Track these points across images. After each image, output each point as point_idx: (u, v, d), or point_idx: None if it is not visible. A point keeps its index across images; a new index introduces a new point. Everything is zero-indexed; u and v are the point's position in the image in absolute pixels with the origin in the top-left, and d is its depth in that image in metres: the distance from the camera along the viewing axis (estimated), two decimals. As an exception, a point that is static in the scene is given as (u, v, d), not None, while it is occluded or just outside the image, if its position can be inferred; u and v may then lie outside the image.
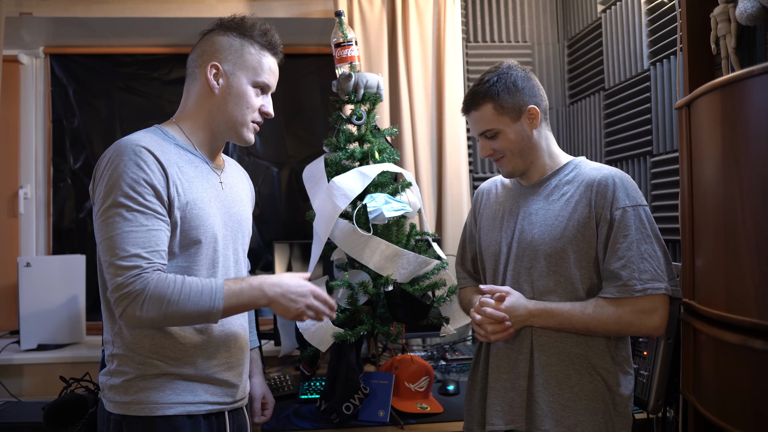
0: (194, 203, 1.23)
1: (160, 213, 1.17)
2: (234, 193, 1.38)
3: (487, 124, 1.39)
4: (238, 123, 1.32)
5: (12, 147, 2.78)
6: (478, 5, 2.63)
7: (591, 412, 1.29)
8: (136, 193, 1.15)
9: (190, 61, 1.34)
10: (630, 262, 1.26)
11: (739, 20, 1.34)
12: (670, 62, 1.83)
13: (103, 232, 1.15)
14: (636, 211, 1.29)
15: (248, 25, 1.33)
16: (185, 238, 1.22)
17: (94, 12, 2.49)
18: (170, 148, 1.25)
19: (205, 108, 1.31)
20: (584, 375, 1.30)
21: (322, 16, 2.55)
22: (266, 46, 1.34)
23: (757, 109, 1.01)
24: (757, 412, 1.01)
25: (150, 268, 1.13)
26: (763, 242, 0.99)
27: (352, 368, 1.66)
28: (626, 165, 2.11)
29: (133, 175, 1.15)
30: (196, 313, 1.16)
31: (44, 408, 1.42)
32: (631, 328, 1.27)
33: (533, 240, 1.36)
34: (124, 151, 1.17)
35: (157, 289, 1.12)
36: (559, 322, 1.30)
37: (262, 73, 1.33)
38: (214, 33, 1.33)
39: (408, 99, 2.48)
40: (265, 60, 1.34)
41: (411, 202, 1.83)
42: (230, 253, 1.34)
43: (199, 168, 1.29)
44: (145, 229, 1.15)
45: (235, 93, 1.30)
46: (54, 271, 2.45)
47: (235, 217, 1.36)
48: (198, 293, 1.15)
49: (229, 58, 1.30)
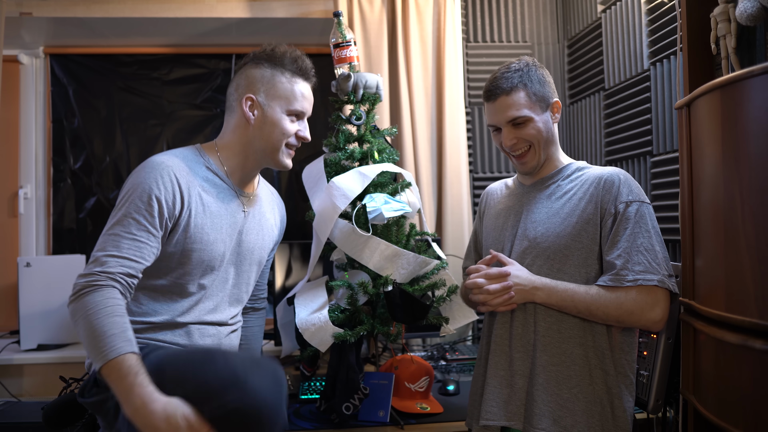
0: (202, 227, 1.33)
1: (154, 228, 1.26)
2: (255, 222, 1.47)
3: (519, 110, 1.37)
4: (274, 149, 1.42)
5: (12, 147, 2.78)
6: (478, 5, 2.63)
7: (589, 414, 1.28)
8: (141, 205, 1.25)
9: (229, 95, 1.44)
10: (625, 253, 1.27)
11: (739, 20, 1.34)
12: (670, 62, 1.83)
13: (104, 230, 1.27)
14: (638, 206, 1.30)
15: (278, 54, 1.41)
16: (183, 257, 1.32)
17: (94, 12, 2.49)
18: (199, 170, 1.37)
19: (242, 138, 1.41)
20: (584, 377, 1.30)
21: (322, 16, 2.55)
22: (297, 72, 1.42)
23: (757, 109, 1.01)
24: (757, 412, 1.01)
25: (108, 276, 1.19)
26: (763, 242, 0.98)
27: (352, 368, 1.66)
28: (626, 165, 2.11)
29: (147, 188, 1.26)
30: (88, 345, 1.16)
31: (44, 408, 1.42)
32: (632, 317, 1.27)
33: (536, 238, 1.36)
34: (150, 166, 1.30)
35: (92, 299, 1.17)
36: (561, 299, 1.30)
37: (294, 101, 1.42)
38: (248, 66, 1.42)
39: (408, 99, 2.48)
40: (297, 87, 1.42)
41: (411, 202, 1.83)
42: (230, 276, 1.43)
43: (222, 194, 1.39)
44: (131, 237, 1.24)
45: (270, 122, 1.40)
46: (54, 271, 2.45)
47: (246, 245, 1.45)
48: (100, 334, 1.13)
49: (262, 89, 1.39)
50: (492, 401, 1.34)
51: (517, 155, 1.42)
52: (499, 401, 1.33)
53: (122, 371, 1.10)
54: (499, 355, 1.37)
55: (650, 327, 1.29)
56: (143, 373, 1.11)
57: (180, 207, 1.30)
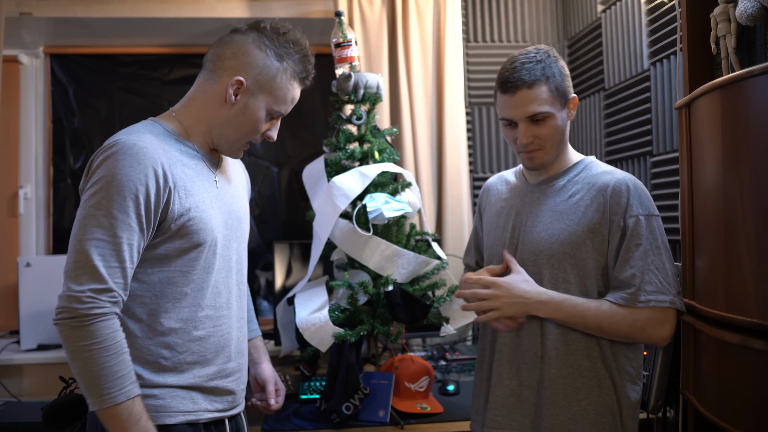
0: (196, 207, 1.19)
1: (142, 226, 1.12)
2: (232, 189, 1.33)
3: (541, 105, 1.25)
4: (237, 140, 1.27)
5: (12, 147, 2.77)
6: (478, 5, 2.63)
7: (599, 426, 1.26)
8: (125, 203, 1.09)
9: (213, 57, 1.25)
10: (639, 272, 1.23)
11: (739, 20, 1.34)
12: (670, 62, 1.83)
13: (78, 231, 1.09)
14: (649, 220, 1.25)
15: (288, 47, 1.24)
16: (185, 243, 1.18)
17: (94, 12, 2.49)
18: (171, 144, 1.20)
19: (211, 113, 1.25)
20: (593, 389, 1.27)
21: (322, 16, 2.55)
22: (299, 76, 1.27)
23: (757, 109, 1.01)
24: (757, 412, 1.01)
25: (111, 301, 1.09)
26: (763, 242, 0.98)
27: (352, 368, 1.66)
28: (626, 165, 2.11)
29: (127, 180, 1.09)
30: (88, 381, 1.07)
31: (43, 408, 1.42)
32: (643, 334, 1.24)
33: (539, 243, 1.31)
34: (126, 153, 1.10)
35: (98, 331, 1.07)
36: (570, 315, 1.24)
37: (282, 104, 1.27)
38: (251, 42, 1.23)
39: (408, 99, 2.48)
40: (291, 92, 1.27)
41: (411, 202, 1.83)
42: (232, 253, 1.31)
43: (198, 167, 1.24)
44: (117, 241, 1.09)
45: (249, 114, 1.24)
46: (54, 271, 2.45)
47: (235, 215, 1.32)
48: (110, 374, 1.06)
49: (258, 78, 1.22)
50: (497, 410, 1.32)
51: (529, 150, 1.32)
52: (504, 411, 1.31)
53: (134, 415, 1.08)
54: (503, 365, 1.33)
55: (657, 343, 1.27)
56: (147, 416, 1.11)
57: (160, 191, 1.13)
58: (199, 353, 1.22)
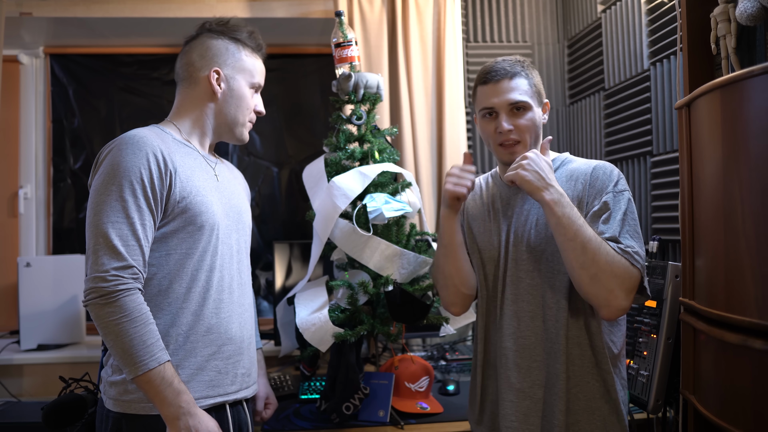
0: (197, 191, 1.27)
1: (151, 207, 1.20)
2: (231, 186, 1.42)
3: (522, 95, 1.34)
4: (239, 123, 1.40)
5: (12, 147, 2.78)
6: (478, 5, 2.63)
7: (589, 411, 1.28)
8: (132, 186, 1.18)
9: (183, 67, 1.38)
10: (620, 230, 1.24)
11: (739, 20, 1.34)
12: (670, 62, 1.83)
13: (93, 218, 1.18)
14: (623, 195, 1.28)
15: (237, 29, 1.40)
16: (188, 225, 1.26)
17: (94, 12, 2.49)
18: (171, 140, 1.31)
19: (204, 110, 1.37)
20: (584, 376, 1.29)
21: (322, 16, 2.55)
22: (255, 48, 1.42)
23: (757, 109, 1.01)
24: (757, 412, 1.01)
25: (133, 278, 1.17)
26: (763, 242, 0.99)
27: (352, 368, 1.66)
28: (626, 165, 2.11)
29: (131, 166, 1.19)
30: (122, 353, 1.14)
31: (43, 408, 1.42)
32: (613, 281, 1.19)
33: (531, 240, 1.33)
34: (127, 143, 1.21)
35: (125, 305, 1.14)
36: (568, 215, 1.20)
37: (256, 74, 1.41)
38: (205, 37, 1.38)
39: (408, 99, 2.48)
40: (257, 62, 1.42)
41: (411, 202, 1.83)
42: (233, 242, 1.37)
43: (197, 161, 1.34)
44: (131, 221, 1.17)
45: (237, 96, 1.38)
46: (54, 271, 2.45)
47: (235, 209, 1.39)
48: (140, 343, 1.14)
49: (228, 62, 1.37)
50: (511, 415, 1.32)
51: (509, 144, 1.35)
52: (518, 414, 1.31)
53: (166, 379, 1.16)
54: (510, 369, 1.33)
55: (613, 313, 1.21)
56: (181, 382, 1.18)
57: (164, 176, 1.22)
58: (199, 336, 1.26)
